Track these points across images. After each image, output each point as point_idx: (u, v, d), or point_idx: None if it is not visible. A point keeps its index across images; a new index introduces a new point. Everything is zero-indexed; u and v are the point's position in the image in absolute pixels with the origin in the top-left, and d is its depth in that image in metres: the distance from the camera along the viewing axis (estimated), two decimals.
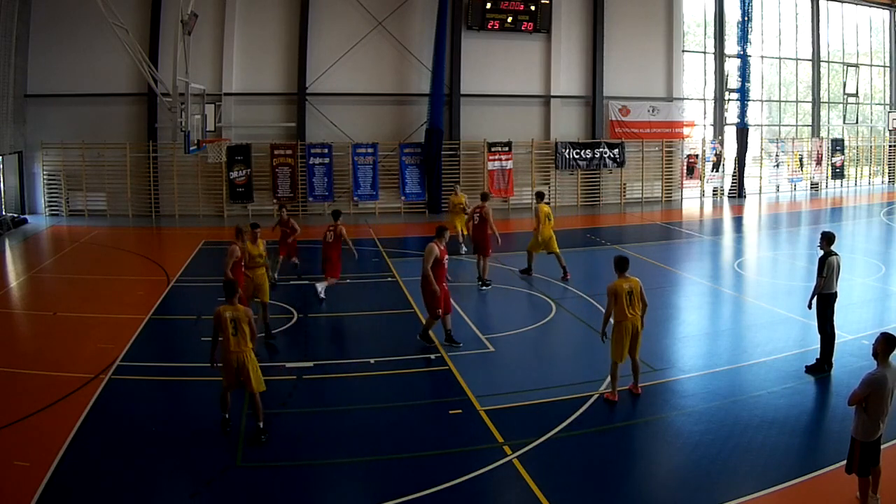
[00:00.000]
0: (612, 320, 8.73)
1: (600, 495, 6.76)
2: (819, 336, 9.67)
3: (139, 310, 12.53)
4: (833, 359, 9.63)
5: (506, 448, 7.50)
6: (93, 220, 22.69)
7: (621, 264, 8.86)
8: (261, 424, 7.75)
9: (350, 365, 9.99)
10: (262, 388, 7.86)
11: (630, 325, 8.64)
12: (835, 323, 9.65)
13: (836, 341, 9.73)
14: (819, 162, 31.38)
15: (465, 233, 17.02)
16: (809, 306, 9.66)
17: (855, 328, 11.35)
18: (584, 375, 9.63)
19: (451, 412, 8.45)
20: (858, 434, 6.21)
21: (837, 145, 32.06)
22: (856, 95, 32.84)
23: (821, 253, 9.62)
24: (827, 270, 9.41)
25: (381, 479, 7.05)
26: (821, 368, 9.55)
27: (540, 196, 15.53)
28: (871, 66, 33.88)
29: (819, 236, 9.80)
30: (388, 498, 6.56)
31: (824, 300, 9.55)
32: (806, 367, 9.65)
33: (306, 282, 14.58)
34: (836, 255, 9.54)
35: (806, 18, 31.47)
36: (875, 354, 6.27)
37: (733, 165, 29.46)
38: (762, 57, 30.45)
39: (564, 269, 14.88)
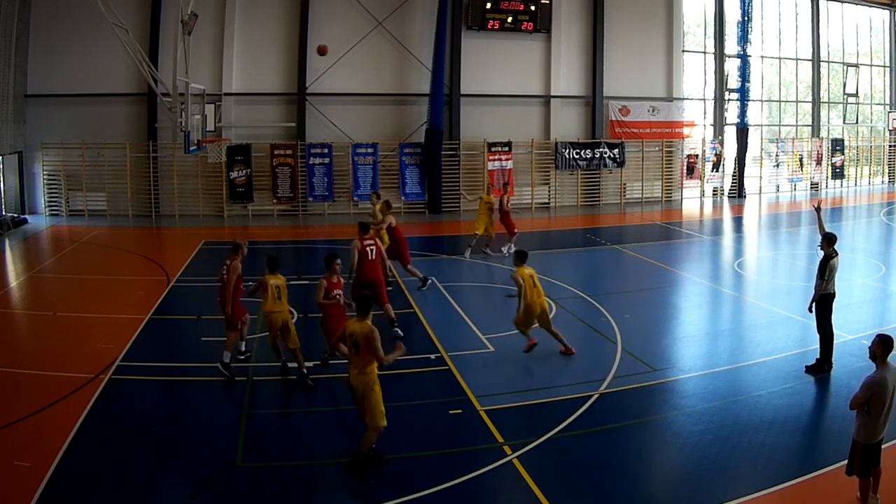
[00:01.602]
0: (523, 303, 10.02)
1: (600, 495, 6.76)
2: (818, 336, 9.67)
3: (139, 310, 12.53)
4: (833, 358, 9.63)
5: (506, 448, 7.50)
6: (93, 220, 22.68)
7: (522, 256, 10.40)
8: (304, 370, 9.23)
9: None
10: (297, 346, 9.30)
11: (538, 307, 10.03)
12: (833, 323, 9.65)
13: (835, 341, 9.73)
14: (819, 162, 31.37)
15: (491, 234, 17.45)
16: (810, 309, 9.65)
17: (855, 328, 11.35)
18: (584, 375, 9.63)
19: (451, 412, 8.45)
20: (860, 436, 6.19)
21: (837, 145, 32.06)
22: (856, 95, 32.84)
23: (821, 254, 9.61)
24: (829, 273, 9.41)
25: (381, 479, 7.05)
26: (821, 368, 9.55)
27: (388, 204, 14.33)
28: (871, 66, 33.88)
29: (820, 237, 9.77)
30: (388, 498, 6.56)
31: (823, 300, 9.55)
32: (806, 367, 9.65)
33: (306, 281, 14.57)
34: (837, 255, 9.54)
35: (806, 18, 31.47)
36: (873, 357, 6.25)
37: (733, 165, 29.46)
38: (762, 57, 30.45)
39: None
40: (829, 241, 9.57)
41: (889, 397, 6.09)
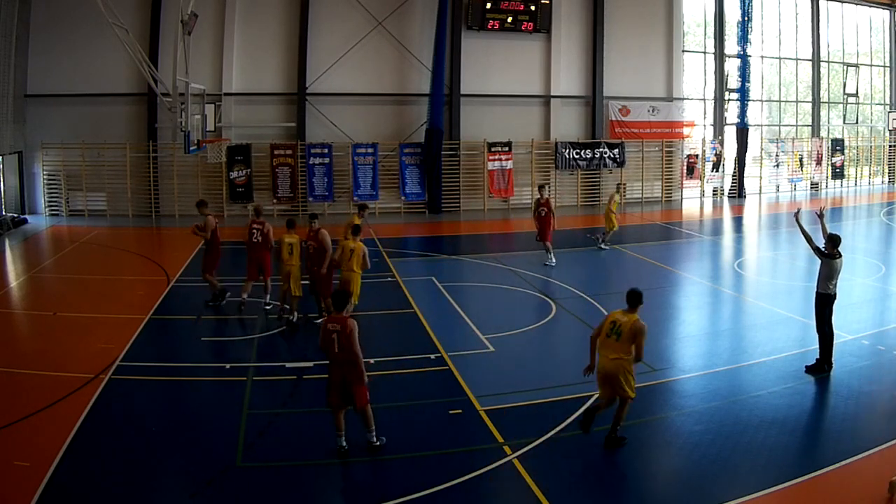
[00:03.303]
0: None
1: (600, 495, 6.76)
2: (818, 336, 9.67)
3: (139, 310, 12.52)
4: (833, 358, 9.63)
5: (506, 448, 7.49)
6: (93, 220, 22.68)
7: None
8: (293, 318, 11.67)
9: None
10: (298, 294, 11.66)
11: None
12: (833, 323, 9.64)
13: (835, 341, 9.73)
14: (819, 162, 31.38)
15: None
16: (796, 217, 10.12)
17: (855, 328, 11.35)
18: (584, 375, 9.61)
19: (451, 412, 8.45)
20: None
21: (837, 145, 32.07)
22: (856, 95, 32.85)
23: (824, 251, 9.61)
24: (831, 273, 9.41)
25: (381, 479, 7.05)
26: (821, 368, 9.55)
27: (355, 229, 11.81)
28: (871, 66, 33.89)
29: (824, 240, 9.73)
30: (388, 498, 6.55)
31: (823, 300, 9.55)
32: (806, 367, 9.65)
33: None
34: (840, 256, 9.54)
35: (806, 18, 31.48)
36: None
37: (733, 165, 29.48)
38: (762, 57, 30.46)
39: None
40: (832, 242, 9.57)
41: None
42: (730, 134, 29.69)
